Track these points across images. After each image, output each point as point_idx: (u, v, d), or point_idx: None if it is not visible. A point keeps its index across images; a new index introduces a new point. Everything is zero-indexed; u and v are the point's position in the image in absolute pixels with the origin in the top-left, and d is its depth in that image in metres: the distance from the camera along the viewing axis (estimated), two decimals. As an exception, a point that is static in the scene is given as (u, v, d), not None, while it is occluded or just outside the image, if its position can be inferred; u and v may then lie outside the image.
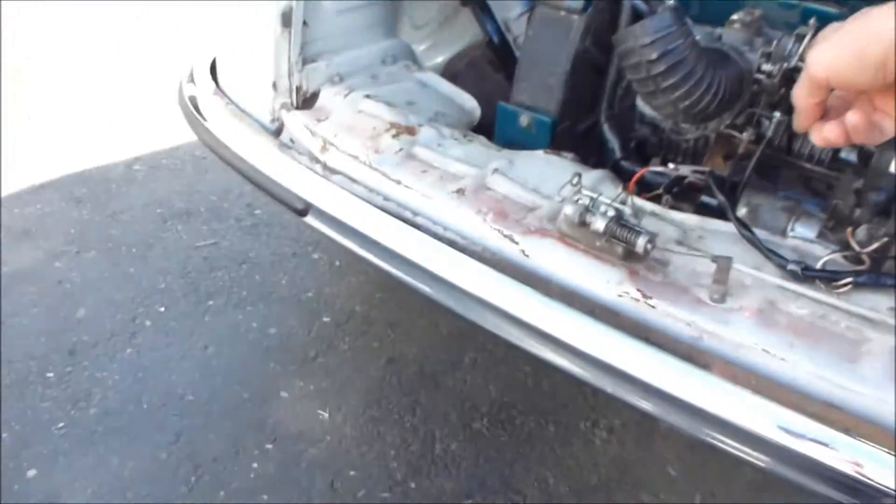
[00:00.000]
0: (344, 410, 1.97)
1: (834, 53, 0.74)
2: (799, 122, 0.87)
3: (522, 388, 2.04)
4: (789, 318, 1.14)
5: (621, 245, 1.18)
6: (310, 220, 1.50)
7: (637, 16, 1.54)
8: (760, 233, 1.32)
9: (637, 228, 1.18)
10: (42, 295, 2.35)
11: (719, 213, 1.45)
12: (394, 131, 1.50)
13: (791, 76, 1.35)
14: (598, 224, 1.18)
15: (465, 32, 2.07)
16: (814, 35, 1.34)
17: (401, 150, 1.47)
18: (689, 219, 1.34)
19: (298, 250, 2.54)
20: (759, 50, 1.31)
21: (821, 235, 1.37)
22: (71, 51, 3.99)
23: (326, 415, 1.96)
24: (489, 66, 1.92)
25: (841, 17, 1.33)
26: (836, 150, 1.52)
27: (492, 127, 1.68)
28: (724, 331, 1.12)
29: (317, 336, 2.21)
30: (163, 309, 2.30)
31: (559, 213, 1.26)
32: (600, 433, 1.94)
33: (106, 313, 2.28)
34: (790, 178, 1.50)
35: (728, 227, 1.30)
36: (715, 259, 1.16)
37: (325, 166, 1.50)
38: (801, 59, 1.34)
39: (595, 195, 1.23)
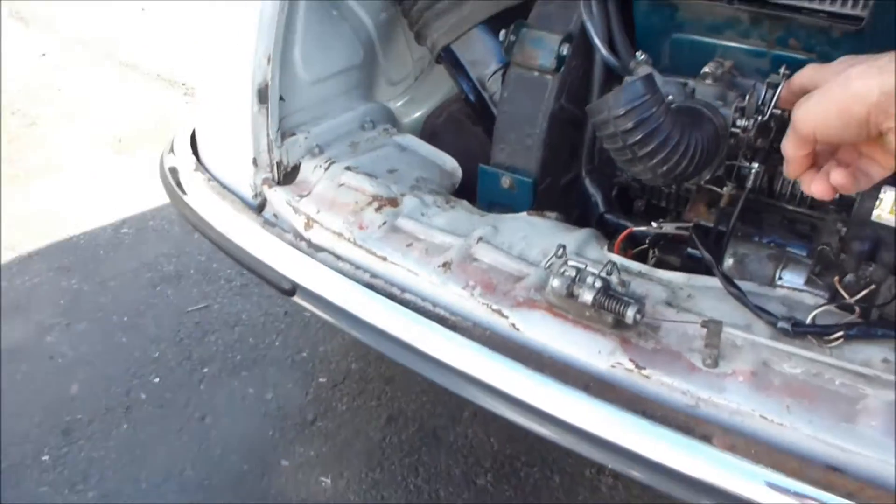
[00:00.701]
0: (346, 476, 1.96)
1: (819, 112, 0.79)
2: (789, 171, 0.91)
3: (524, 439, 2.03)
4: (783, 378, 1.13)
5: (611, 314, 1.18)
6: (297, 299, 1.49)
7: (609, 71, 1.55)
8: (748, 285, 1.33)
9: (625, 298, 1.18)
10: (34, 372, 2.34)
11: (707, 266, 1.45)
12: (376, 204, 1.49)
13: (767, 126, 1.36)
14: (586, 296, 1.18)
15: (442, 85, 2.08)
16: (787, 79, 1.35)
17: (385, 223, 1.47)
18: (677, 277, 1.34)
19: (290, 309, 2.53)
20: (732, 104, 1.31)
21: (809, 282, 1.37)
22: (49, 107, 3.99)
23: (328, 481, 1.94)
24: (468, 120, 1.93)
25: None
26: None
27: (475, 181, 1.68)
28: (720, 398, 1.12)
29: (314, 398, 2.20)
30: (157, 380, 2.28)
31: (547, 283, 1.26)
32: (606, 480, 1.93)
33: (100, 388, 2.26)
34: (774, 221, 1.51)
35: (716, 282, 1.30)
36: (705, 324, 1.16)
37: (309, 244, 1.49)
38: (777, 108, 1.36)
39: (581, 265, 1.23)
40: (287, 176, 1.65)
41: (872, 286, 1.26)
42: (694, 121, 1.26)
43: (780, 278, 1.38)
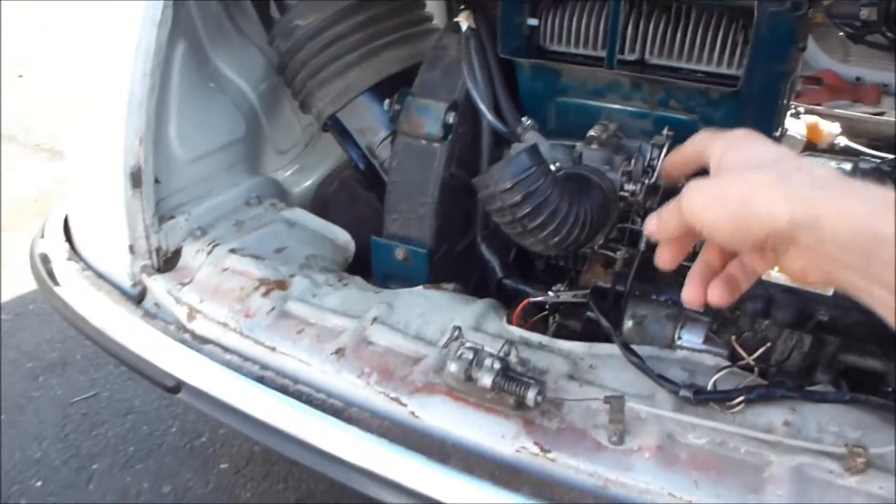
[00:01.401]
0: (255, 570, 1.84)
1: (711, 215, 0.66)
2: (662, 258, 0.78)
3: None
4: (689, 450, 1.11)
5: (512, 396, 1.13)
6: (183, 397, 1.39)
7: (497, 137, 1.53)
8: (649, 349, 1.31)
9: (525, 379, 1.13)
10: None
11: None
12: (264, 289, 1.42)
13: (655, 187, 1.36)
14: (485, 380, 1.13)
15: (334, 151, 2.02)
16: (670, 147, 1.35)
17: (273, 308, 1.39)
18: (578, 347, 1.30)
19: (187, 390, 2.39)
20: (619, 169, 1.31)
21: (708, 340, 1.37)
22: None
23: (236, 579, 1.82)
24: (360, 187, 1.87)
25: (692, 125, 1.37)
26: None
27: (370, 251, 1.62)
28: (628, 477, 1.08)
29: (216, 486, 2.07)
30: (39, 483, 2.10)
31: (445, 363, 1.20)
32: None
33: (-27, 499, 2.07)
34: (670, 278, 1.50)
35: (618, 349, 1.27)
36: (608, 400, 1.12)
37: (193, 336, 1.40)
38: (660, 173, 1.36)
39: (478, 346, 1.18)
40: (168, 262, 1.56)
41: (768, 344, 1.26)
42: (582, 188, 1.24)
43: (679, 338, 1.37)
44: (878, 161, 1.49)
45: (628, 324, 1.41)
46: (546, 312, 1.47)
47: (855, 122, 2.17)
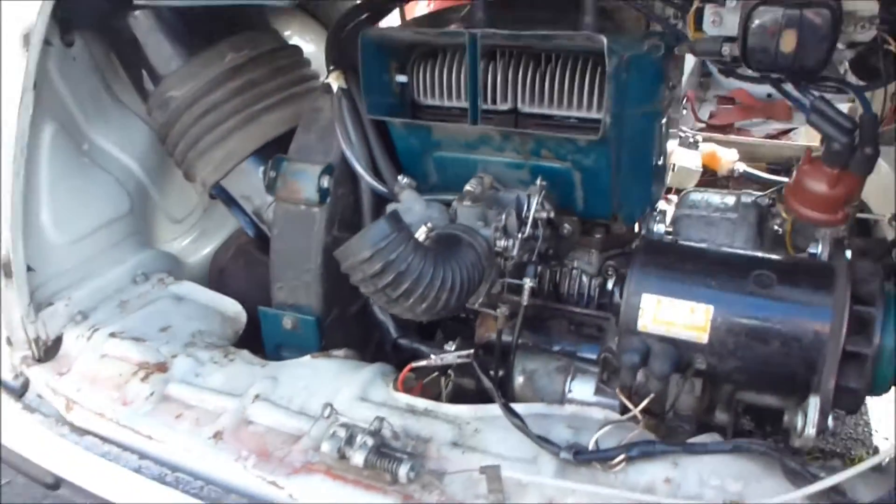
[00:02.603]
0: None
1: None
2: None
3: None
4: (571, 516, 1.08)
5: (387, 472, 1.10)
6: (63, 492, 1.33)
7: (378, 198, 1.50)
8: (538, 407, 1.28)
9: (398, 454, 1.10)
10: None
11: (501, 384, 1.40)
12: (143, 373, 1.37)
13: (533, 238, 1.34)
14: (357, 459, 1.09)
15: (231, 218, 1.97)
16: (542, 194, 1.34)
17: (152, 394, 1.34)
18: (464, 411, 1.27)
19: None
20: (492, 225, 1.29)
21: (598, 391, 1.35)
22: None
23: None
24: (257, 251, 1.83)
25: (566, 173, 1.36)
26: (601, 292, 1.53)
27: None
28: (507, 550, 1.04)
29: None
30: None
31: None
32: None
33: None
34: (563, 327, 1.48)
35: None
36: (483, 470, 1.09)
37: (72, 427, 1.34)
38: (538, 222, 1.34)
39: (351, 423, 1.14)
40: (49, 350, 1.50)
41: (651, 395, 1.24)
42: (452, 249, 1.22)
43: (569, 391, 1.35)
44: (758, 196, 1.49)
45: (519, 379, 1.38)
46: (437, 373, 1.44)
47: (753, 148, 2.19)
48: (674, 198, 1.74)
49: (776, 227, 1.44)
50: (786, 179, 2.04)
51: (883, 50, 1.26)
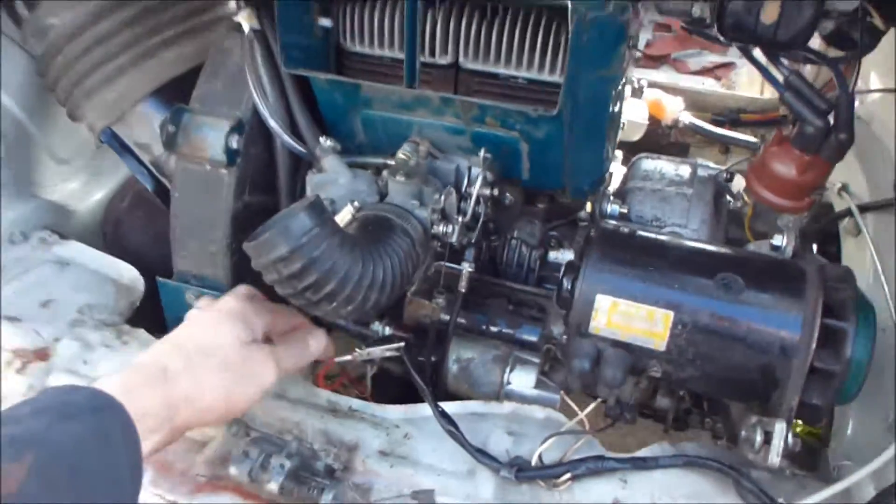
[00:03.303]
0: None
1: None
2: None
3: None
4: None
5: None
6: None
7: (296, 158, 1.31)
8: (473, 406, 1.16)
9: (318, 479, 0.96)
10: None
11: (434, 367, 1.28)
12: (18, 363, 1.18)
13: (474, 220, 1.19)
14: (272, 486, 0.95)
15: (129, 157, 1.74)
16: (488, 166, 1.19)
17: (30, 388, 1.15)
18: (393, 413, 1.15)
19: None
20: (429, 206, 1.13)
21: (539, 384, 1.24)
22: None
23: None
24: (159, 199, 1.61)
25: (513, 143, 1.20)
26: (543, 264, 1.41)
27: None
28: (441, 588, 0.94)
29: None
30: None
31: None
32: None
33: None
34: (502, 306, 1.36)
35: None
36: (416, 496, 0.97)
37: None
38: (481, 199, 1.19)
39: (264, 437, 1.00)
40: None
41: (598, 400, 1.14)
42: (383, 238, 1.06)
43: (508, 383, 1.24)
44: (716, 170, 1.37)
45: (453, 369, 1.26)
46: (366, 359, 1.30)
47: (699, 96, 2.07)
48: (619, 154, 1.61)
49: (734, 207, 1.33)
50: (730, 133, 1.96)
51: (864, 22, 1.14)
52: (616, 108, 1.31)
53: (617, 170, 1.50)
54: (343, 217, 1.09)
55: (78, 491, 0.72)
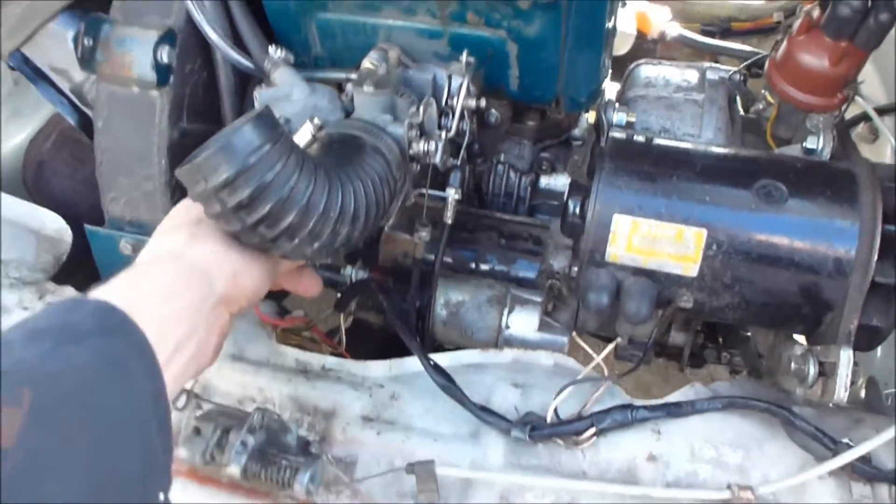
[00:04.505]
0: None
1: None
2: None
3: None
4: (529, 518, 0.81)
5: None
6: None
7: (241, 76, 1.11)
8: (468, 356, 0.99)
9: (290, 457, 0.78)
10: None
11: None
12: (-86, 334, 0.96)
13: (459, 136, 1.00)
14: (233, 469, 0.77)
15: (53, 93, 1.51)
16: (471, 74, 0.99)
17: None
18: (375, 370, 0.97)
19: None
20: (405, 121, 0.93)
21: (543, 326, 1.06)
22: None
23: None
24: (86, 138, 1.39)
25: (499, 43, 1.01)
26: (534, 192, 1.24)
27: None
28: (448, 577, 0.77)
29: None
30: None
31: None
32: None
33: None
34: (492, 239, 1.18)
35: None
36: (411, 469, 0.80)
37: None
38: (465, 114, 1.00)
39: (218, 410, 0.81)
40: None
41: (617, 340, 0.97)
42: (352, 160, 0.86)
43: (507, 327, 1.06)
44: (727, 71, 1.19)
45: (441, 314, 1.08)
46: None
47: (686, 5, 1.89)
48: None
49: (753, 112, 1.16)
50: (722, 44, 1.79)
51: None
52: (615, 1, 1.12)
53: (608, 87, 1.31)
54: (301, 137, 0.89)
55: (92, 437, 0.54)
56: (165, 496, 0.60)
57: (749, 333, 1.21)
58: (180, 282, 0.71)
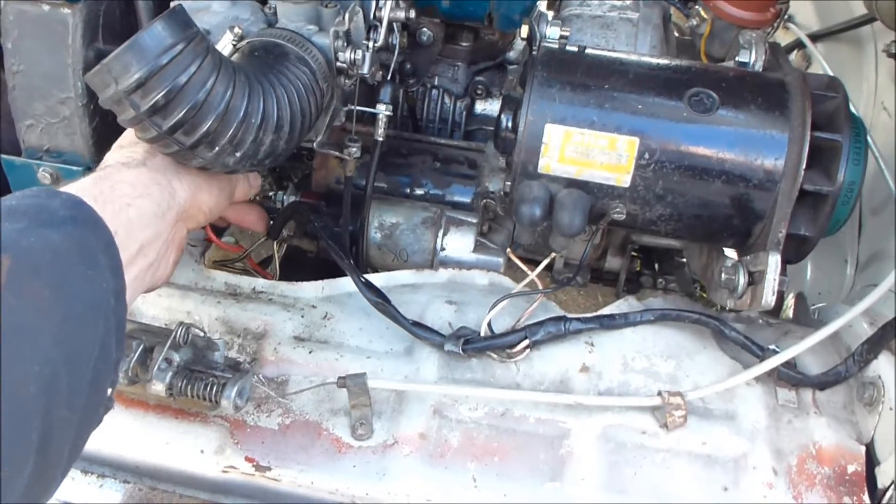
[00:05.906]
0: None
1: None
2: None
3: None
4: (463, 431, 0.81)
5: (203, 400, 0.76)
6: None
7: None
8: (403, 276, 0.98)
9: (217, 373, 0.76)
10: None
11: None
12: None
13: (388, 46, 0.97)
14: (157, 386, 0.74)
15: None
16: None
17: None
18: (307, 291, 0.94)
19: None
20: (330, 30, 0.89)
21: (479, 248, 1.05)
22: None
23: None
24: None
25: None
26: (469, 117, 1.21)
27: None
28: (382, 487, 0.76)
29: None
30: None
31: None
32: None
33: None
34: (426, 163, 1.15)
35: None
36: (343, 384, 0.78)
37: None
38: (394, 26, 0.97)
39: (142, 328, 0.78)
40: None
41: (553, 255, 0.96)
42: (275, 68, 0.82)
43: (442, 249, 1.05)
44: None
45: (375, 237, 1.05)
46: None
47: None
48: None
49: (687, 28, 1.15)
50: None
51: None
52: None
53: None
54: (222, 47, 0.85)
55: (63, 314, 0.54)
56: (111, 393, 0.61)
57: (684, 259, 1.22)
58: (144, 187, 0.71)
